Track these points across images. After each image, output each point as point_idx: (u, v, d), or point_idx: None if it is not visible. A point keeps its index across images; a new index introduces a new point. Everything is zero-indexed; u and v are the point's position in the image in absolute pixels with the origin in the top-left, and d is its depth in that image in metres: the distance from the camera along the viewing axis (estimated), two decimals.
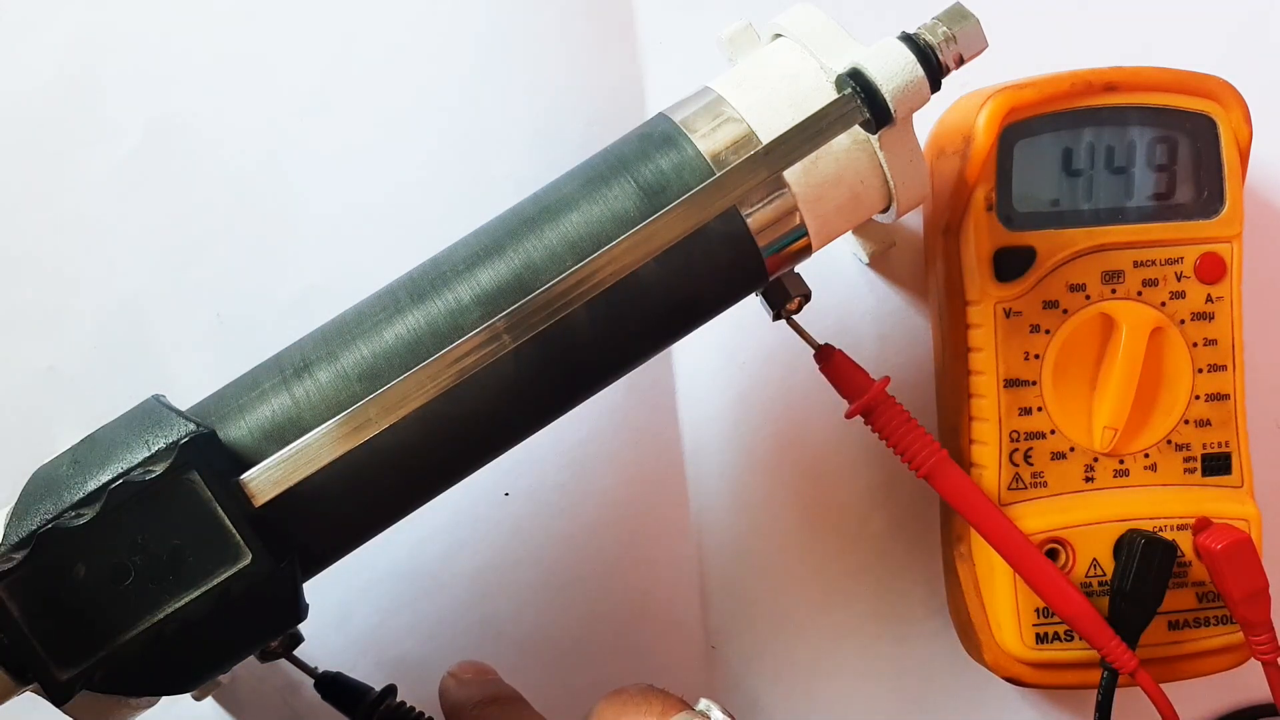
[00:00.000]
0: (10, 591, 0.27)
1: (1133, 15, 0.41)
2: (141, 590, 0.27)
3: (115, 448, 0.28)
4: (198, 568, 0.27)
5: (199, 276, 0.39)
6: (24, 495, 0.28)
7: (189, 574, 0.27)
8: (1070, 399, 0.37)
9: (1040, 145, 0.36)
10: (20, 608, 0.27)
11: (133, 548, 0.27)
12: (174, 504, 0.27)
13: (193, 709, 0.38)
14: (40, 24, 0.39)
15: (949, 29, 0.30)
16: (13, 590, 0.27)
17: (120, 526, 0.27)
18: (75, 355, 0.39)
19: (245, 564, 0.27)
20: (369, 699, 0.34)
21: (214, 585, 0.27)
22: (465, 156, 0.40)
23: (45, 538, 0.27)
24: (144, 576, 0.27)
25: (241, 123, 0.39)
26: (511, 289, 0.29)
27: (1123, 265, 0.36)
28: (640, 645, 0.40)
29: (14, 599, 0.27)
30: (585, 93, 0.40)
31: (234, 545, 0.27)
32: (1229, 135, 0.36)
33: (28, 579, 0.27)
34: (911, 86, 0.29)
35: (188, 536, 0.27)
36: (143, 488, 0.27)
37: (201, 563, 0.27)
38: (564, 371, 0.30)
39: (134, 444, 0.28)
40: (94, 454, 0.28)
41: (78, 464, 0.28)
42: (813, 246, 0.32)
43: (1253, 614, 0.35)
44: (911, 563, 0.41)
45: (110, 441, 0.28)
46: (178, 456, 0.27)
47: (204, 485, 0.27)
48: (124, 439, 0.28)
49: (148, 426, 0.28)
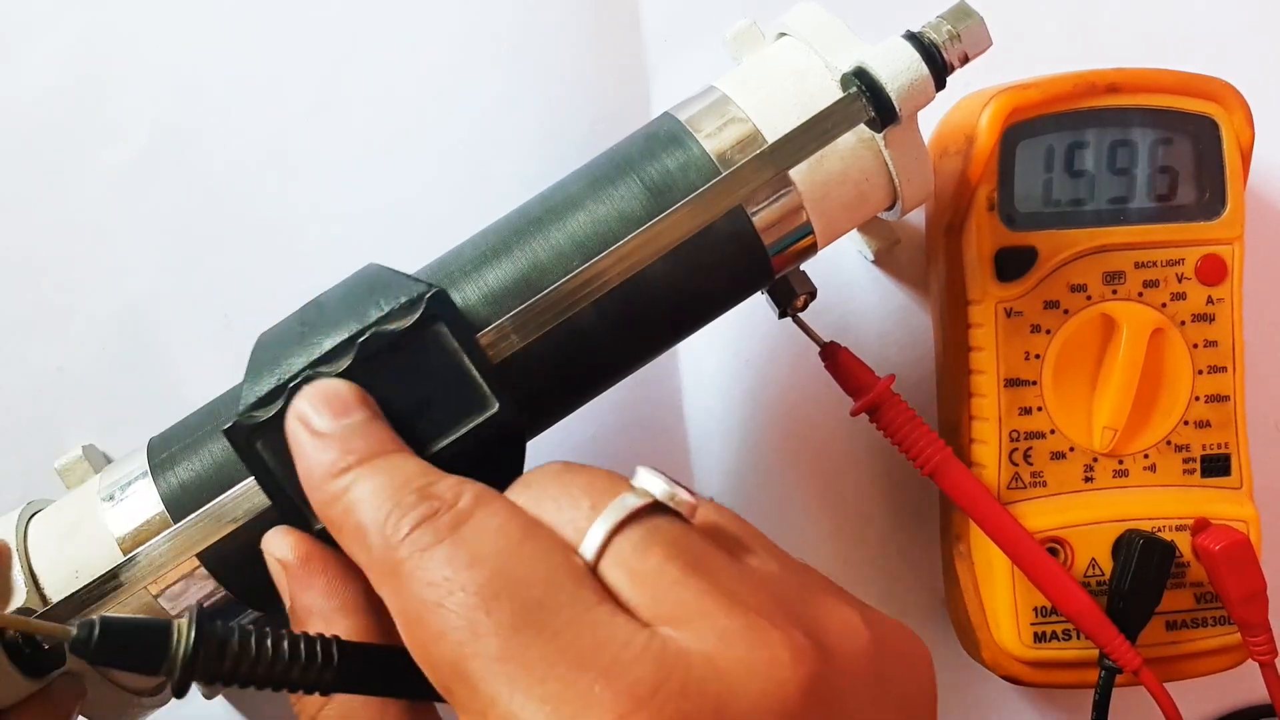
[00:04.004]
0: (266, 443, 0.27)
1: (1135, 16, 0.41)
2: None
3: (347, 308, 0.28)
4: (445, 417, 0.28)
5: (206, 278, 0.39)
6: (255, 360, 0.28)
7: (437, 423, 0.28)
8: (1070, 399, 0.37)
9: (1042, 146, 0.36)
10: (275, 459, 0.27)
11: (384, 397, 0.27)
12: (421, 356, 0.28)
13: (202, 708, 0.38)
14: (46, 28, 0.39)
15: (953, 27, 0.30)
16: (268, 442, 0.27)
17: (370, 378, 0.27)
18: (83, 356, 0.39)
19: (493, 413, 0.28)
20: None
21: (463, 433, 0.28)
22: (471, 156, 0.40)
23: (296, 391, 0.27)
24: (396, 426, 0.27)
25: (248, 124, 0.39)
26: (518, 289, 0.29)
27: (1124, 266, 0.36)
28: None
29: (269, 450, 0.27)
30: (591, 92, 0.40)
31: (481, 395, 0.28)
32: (1231, 137, 0.36)
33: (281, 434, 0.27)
34: (916, 85, 0.29)
35: (435, 387, 0.28)
36: (393, 339, 0.27)
37: (449, 412, 0.28)
38: (571, 370, 0.30)
39: (366, 303, 0.28)
40: (324, 316, 0.28)
41: (308, 325, 0.28)
42: (818, 244, 0.32)
43: (1250, 615, 0.35)
44: (910, 560, 0.41)
45: (339, 303, 0.29)
46: (426, 308, 0.27)
47: (450, 337, 0.28)
48: (354, 300, 0.28)
49: (377, 288, 0.28)
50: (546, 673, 0.20)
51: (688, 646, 0.20)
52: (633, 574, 0.21)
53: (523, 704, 0.20)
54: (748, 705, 0.19)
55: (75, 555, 0.30)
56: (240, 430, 0.27)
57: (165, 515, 0.29)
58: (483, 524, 0.22)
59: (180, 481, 0.30)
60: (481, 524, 0.22)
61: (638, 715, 0.19)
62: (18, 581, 0.30)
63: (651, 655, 0.20)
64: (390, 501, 0.23)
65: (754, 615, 0.20)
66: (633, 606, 0.21)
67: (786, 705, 0.19)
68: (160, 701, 0.33)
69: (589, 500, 0.23)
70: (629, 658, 0.20)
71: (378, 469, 0.24)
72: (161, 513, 0.30)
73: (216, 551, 0.29)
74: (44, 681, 0.29)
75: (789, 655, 0.20)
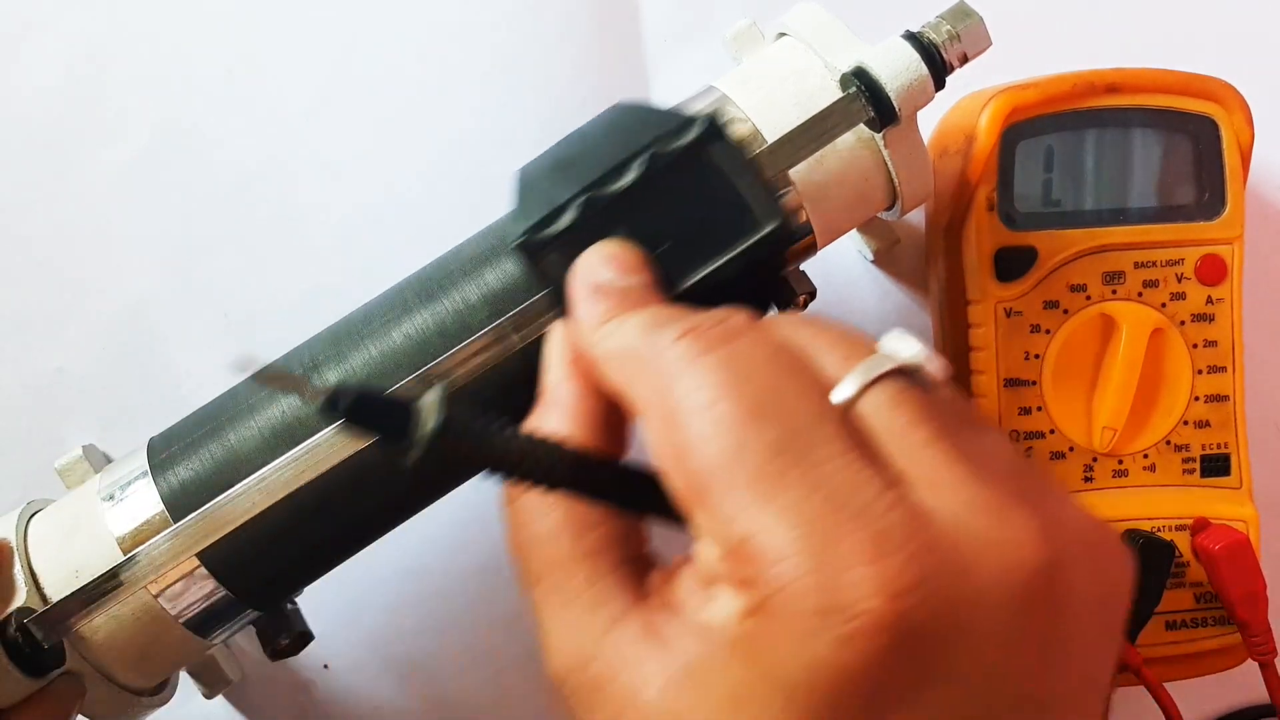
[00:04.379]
0: (558, 257, 0.27)
1: (1135, 16, 0.41)
2: (674, 256, 0.28)
3: (616, 136, 0.28)
4: (726, 234, 0.28)
5: (206, 277, 0.39)
6: (523, 188, 0.28)
7: (717, 239, 0.28)
8: (1070, 399, 0.37)
9: (1042, 145, 0.36)
10: (566, 273, 0.27)
11: (666, 215, 0.28)
12: (700, 173, 0.28)
13: (203, 708, 0.38)
14: (47, 28, 0.39)
15: (953, 27, 0.30)
16: (559, 256, 0.27)
17: (655, 194, 0.27)
18: (84, 356, 0.39)
19: (773, 227, 0.28)
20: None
21: (744, 248, 0.28)
22: (472, 156, 0.40)
23: (589, 204, 0.27)
24: (677, 242, 0.27)
25: (248, 124, 0.39)
26: (519, 288, 0.29)
27: (1123, 266, 0.36)
28: None
29: (560, 265, 0.27)
30: (591, 92, 0.40)
31: (758, 212, 0.28)
32: (1231, 137, 0.36)
33: (572, 245, 0.27)
34: (916, 85, 0.29)
35: (715, 204, 0.28)
36: (674, 157, 0.27)
37: (729, 229, 0.28)
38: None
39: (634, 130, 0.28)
40: (590, 145, 0.29)
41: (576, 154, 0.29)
42: (817, 244, 0.32)
43: (1250, 615, 0.35)
44: None
45: (604, 133, 0.29)
46: (707, 126, 0.28)
47: (727, 156, 0.28)
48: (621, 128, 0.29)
49: (641, 116, 0.29)
50: (802, 501, 0.20)
51: (935, 507, 0.20)
52: (884, 429, 0.21)
53: (772, 526, 0.20)
54: (988, 577, 0.20)
55: (75, 554, 0.30)
56: (533, 245, 0.27)
57: (165, 515, 0.30)
58: (753, 344, 0.22)
59: (180, 481, 0.30)
60: (752, 343, 0.22)
61: (886, 562, 0.19)
62: (18, 580, 0.30)
63: (904, 510, 0.20)
64: (661, 320, 0.23)
65: (1000, 491, 0.21)
66: (882, 459, 0.21)
67: (1024, 583, 0.20)
68: (160, 701, 0.33)
69: (842, 351, 0.23)
70: (881, 508, 0.20)
71: (649, 311, 0.24)
72: (161, 512, 0.30)
73: (216, 551, 0.29)
74: (44, 681, 0.29)
75: (1029, 537, 0.20)
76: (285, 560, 0.30)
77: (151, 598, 0.29)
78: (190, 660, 0.34)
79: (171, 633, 0.30)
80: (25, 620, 0.29)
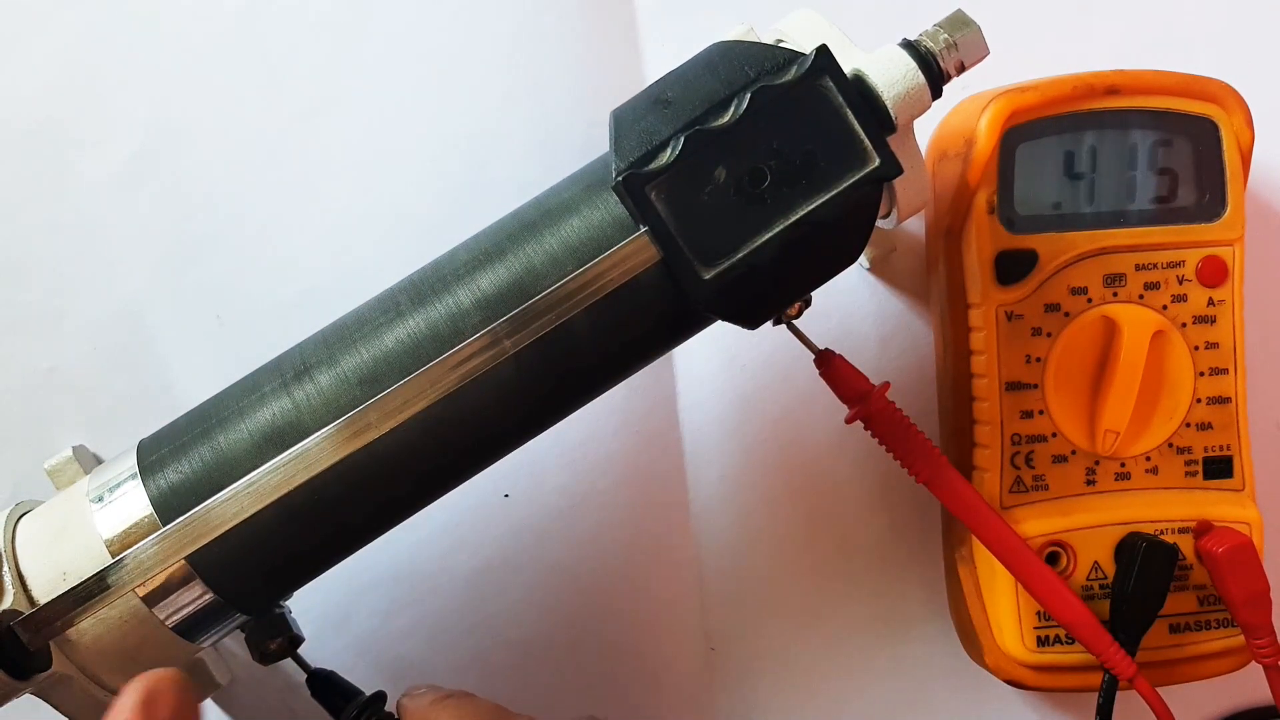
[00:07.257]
0: (659, 193, 0.27)
1: (1135, 18, 0.41)
2: (776, 193, 0.28)
3: (717, 73, 0.28)
4: (829, 171, 0.28)
5: (199, 278, 0.39)
6: (620, 128, 0.28)
7: (820, 177, 0.28)
8: (1072, 402, 0.36)
9: (1042, 148, 0.36)
10: (667, 209, 0.28)
11: (768, 152, 0.28)
12: (807, 109, 0.28)
13: None
14: (41, 28, 0.39)
15: (950, 36, 0.30)
16: (660, 192, 0.27)
17: (758, 130, 0.27)
18: (76, 357, 0.39)
19: (874, 167, 0.28)
20: (356, 702, 0.33)
21: (846, 187, 0.28)
22: (466, 160, 0.40)
23: (692, 140, 0.27)
24: (779, 180, 0.27)
25: (241, 125, 0.39)
26: (512, 293, 0.29)
27: (1124, 268, 0.36)
28: (640, 646, 0.40)
29: (661, 201, 0.28)
30: (587, 96, 0.40)
31: (864, 150, 0.28)
32: (1231, 138, 0.36)
33: (674, 181, 0.27)
34: (912, 93, 0.29)
35: (819, 141, 0.28)
36: (781, 91, 0.27)
37: (833, 166, 0.28)
38: (565, 375, 0.30)
39: (736, 68, 0.28)
40: (691, 84, 0.28)
41: (674, 93, 0.28)
42: None
43: (1254, 617, 0.35)
44: (912, 565, 0.41)
45: (704, 71, 0.29)
46: (816, 60, 0.27)
47: (835, 91, 0.28)
48: (721, 66, 0.28)
49: (741, 54, 0.28)
50: None
51: None
52: None
53: None
54: None
55: (63, 557, 0.30)
56: (636, 180, 0.27)
57: (154, 517, 0.29)
58: None
59: (170, 484, 0.29)
60: None
61: None
62: (5, 582, 0.30)
63: None
64: None
65: None
66: None
67: None
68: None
69: None
70: None
71: None
72: (150, 515, 0.29)
73: (205, 555, 0.29)
74: (30, 684, 0.29)
75: None
76: (275, 564, 0.30)
77: (139, 601, 0.29)
78: (178, 664, 0.33)
79: (159, 636, 0.30)
80: (11, 623, 0.29)
